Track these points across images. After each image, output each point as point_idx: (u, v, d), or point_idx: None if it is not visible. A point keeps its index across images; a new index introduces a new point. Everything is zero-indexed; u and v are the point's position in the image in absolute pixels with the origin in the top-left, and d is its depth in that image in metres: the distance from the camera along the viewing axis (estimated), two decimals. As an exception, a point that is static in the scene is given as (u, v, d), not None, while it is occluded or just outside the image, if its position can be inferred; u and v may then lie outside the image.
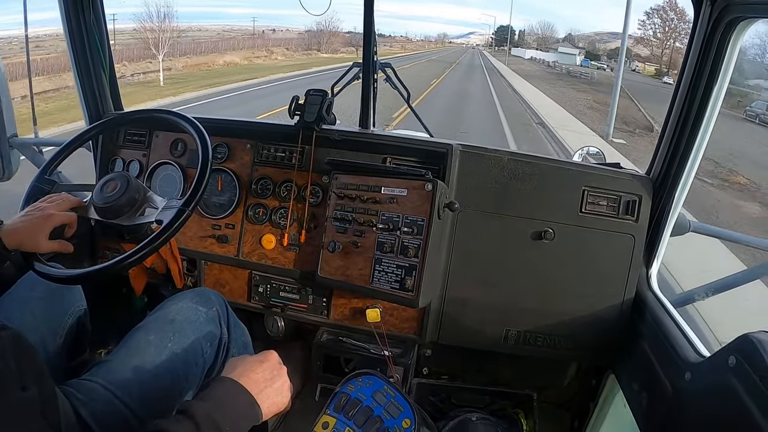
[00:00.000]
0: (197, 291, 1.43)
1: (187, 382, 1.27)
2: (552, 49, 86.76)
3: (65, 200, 1.37)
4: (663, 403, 1.30)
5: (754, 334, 1.00)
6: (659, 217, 1.55)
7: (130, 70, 23.59)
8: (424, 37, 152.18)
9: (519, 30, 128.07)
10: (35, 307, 1.29)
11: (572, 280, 1.59)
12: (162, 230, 1.26)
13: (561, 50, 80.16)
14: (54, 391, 0.97)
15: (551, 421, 1.84)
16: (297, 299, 1.75)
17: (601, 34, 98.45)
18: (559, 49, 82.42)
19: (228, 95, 17.84)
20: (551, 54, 78.24)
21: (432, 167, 1.60)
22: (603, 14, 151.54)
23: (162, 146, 1.86)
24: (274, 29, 65.24)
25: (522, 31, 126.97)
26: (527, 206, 1.59)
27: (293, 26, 67.43)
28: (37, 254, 1.27)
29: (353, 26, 75.44)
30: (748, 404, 0.95)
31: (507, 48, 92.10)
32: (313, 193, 1.70)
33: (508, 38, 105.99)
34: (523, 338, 1.63)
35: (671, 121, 1.48)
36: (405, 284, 1.49)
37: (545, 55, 77.59)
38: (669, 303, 1.50)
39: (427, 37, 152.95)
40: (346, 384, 1.30)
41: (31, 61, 2.37)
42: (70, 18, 1.85)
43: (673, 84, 1.59)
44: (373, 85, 1.86)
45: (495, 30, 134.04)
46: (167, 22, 25.60)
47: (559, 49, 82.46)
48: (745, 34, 1.31)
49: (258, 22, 62.92)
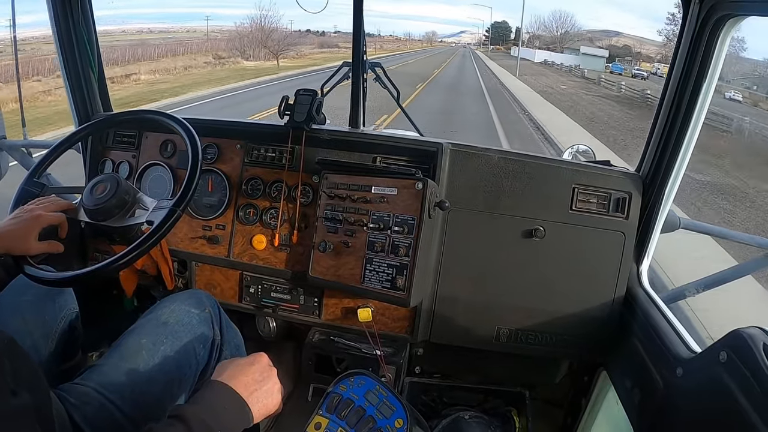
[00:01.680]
0: (189, 293, 1.42)
1: (180, 385, 1.26)
2: (570, 50, 65.91)
3: (54, 202, 1.36)
4: (655, 398, 1.30)
5: (744, 330, 1.01)
6: (649, 214, 1.56)
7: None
8: (405, 35, 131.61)
9: (516, 27, 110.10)
10: (26, 312, 1.28)
11: (563, 278, 1.59)
12: (152, 231, 1.25)
13: (584, 51, 60.43)
14: (49, 396, 0.97)
15: (544, 418, 1.84)
16: (288, 300, 1.75)
17: (593, 32, 79.96)
18: (582, 49, 61.84)
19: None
20: (570, 56, 60.39)
21: (422, 166, 1.60)
22: (594, 12, 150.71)
23: (152, 147, 1.85)
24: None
25: (519, 27, 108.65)
26: (518, 204, 1.60)
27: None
28: (27, 257, 1.26)
29: (334, 25, 67.10)
30: (739, 399, 0.96)
31: (517, 46, 68.03)
32: (303, 193, 1.70)
33: (519, 35, 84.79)
34: (515, 336, 1.63)
35: (660, 119, 1.49)
36: (396, 283, 1.49)
37: (562, 58, 58.78)
38: (660, 299, 1.50)
39: (408, 35, 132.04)
40: (338, 384, 1.30)
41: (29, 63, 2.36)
42: (59, 18, 1.84)
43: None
44: (363, 85, 1.86)
45: (488, 27, 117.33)
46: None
47: (581, 49, 61.91)
48: (733, 31, 1.32)
49: (203, 22, 52.16)
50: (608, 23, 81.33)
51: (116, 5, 33.19)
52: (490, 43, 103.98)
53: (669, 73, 1.46)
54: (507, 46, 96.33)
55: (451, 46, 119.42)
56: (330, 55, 42.43)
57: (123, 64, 25.19)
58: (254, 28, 38.04)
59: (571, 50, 65.70)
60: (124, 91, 19.84)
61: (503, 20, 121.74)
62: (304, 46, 50.17)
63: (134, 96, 17.94)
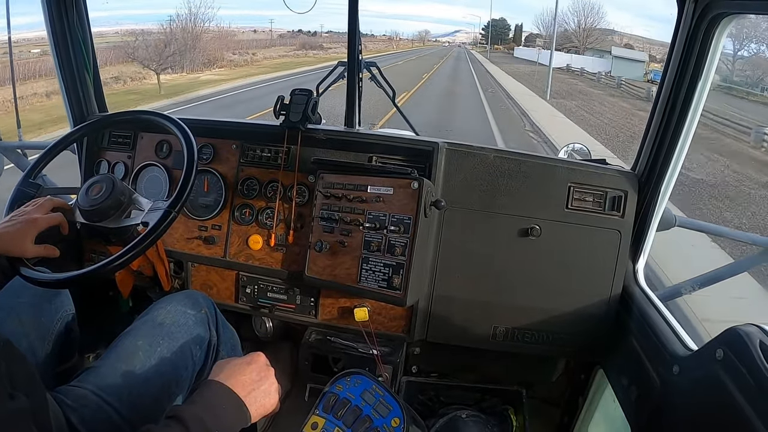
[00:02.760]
0: (186, 293, 1.43)
1: (177, 386, 1.26)
2: (603, 53, 47.60)
3: (50, 203, 1.36)
4: (652, 396, 1.31)
5: (741, 327, 1.01)
6: (645, 212, 1.56)
7: None
8: (392, 34, 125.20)
9: (515, 24, 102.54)
10: (23, 314, 1.28)
11: (559, 277, 1.60)
12: (148, 232, 1.25)
13: (617, 53, 43.87)
14: (45, 398, 0.97)
15: (541, 416, 1.85)
16: (285, 300, 1.75)
17: (588, 30, 65.83)
18: (614, 51, 45.23)
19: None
20: (596, 59, 44.45)
21: (418, 165, 1.60)
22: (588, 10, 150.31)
23: (147, 148, 1.85)
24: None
25: (519, 25, 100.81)
26: (514, 203, 1.60)
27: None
28: (23, 259, 1.26)
29: (320, 25, 63.33)
30: (735, 396, 0.97)
31: (531, 46, 56.29)
32: (299, 192, 1.70)
33: (519, 32, 79.12)
34: (511, 335, 1.64)
35: (656, 117, 1.49)
36: (392, 283, 1.49)
37: (586, 62, 42.96)
38: (656, 297, 1.51)
39: (395, 34, 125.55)
40: (335, 384, 1.30)
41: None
42: (54, 19, 1.83)
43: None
44: (358, 84, 1.86)
45: (485, 25, 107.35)
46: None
47: (613, 51, 45.23)
48: (728, 30, 1.33)
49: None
50: (602, 21, 77.53)
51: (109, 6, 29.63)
52: (488, 43, 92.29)
53: (664, 72, 1.46)
54: (509, 46, 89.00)
55: (444, 45, 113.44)
56: (293, 60, 37.53)
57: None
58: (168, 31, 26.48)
59: (596, 51, 50.30)
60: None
61: (501, 17, 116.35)
62: (261, 49, 42.37)
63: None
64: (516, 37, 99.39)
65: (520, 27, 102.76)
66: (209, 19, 29.45)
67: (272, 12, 46.74)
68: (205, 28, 29.45)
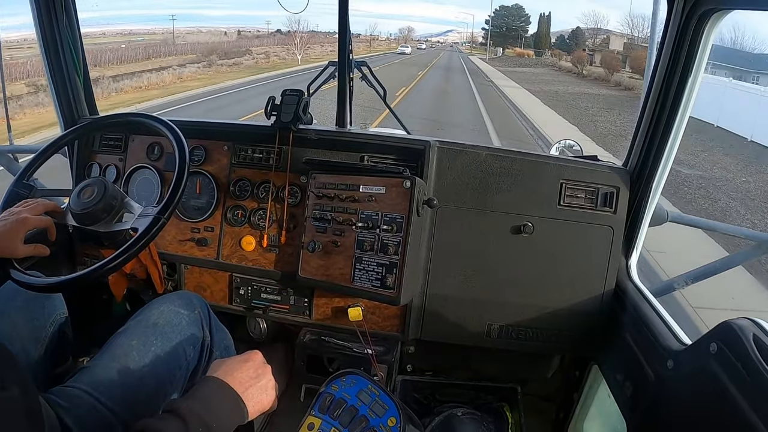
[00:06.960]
0: (179, 294, 1.42)
1: (171, 386, 1.26)
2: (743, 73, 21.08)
3: (40, 204, 1.35)
4: (646, 391, 1.31)
5: (735, 321, 1.02)
6: (637, 208, 1.57)
7: None
8: (370, 33, 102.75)
9: (541, 13, 77.05)
10: (15, 317, 1.27)
11: (552, 273, 1.60)
12: (137, 238, 1.25)
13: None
14: (38, 399, 0.96)
15: (536, 413, 1.85)
16: (278, 300, 1.74)
17: (585, 30, 62.83)
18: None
19: None
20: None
21: (410, 164, 1.60)
22: (578, 9, 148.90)
23: (138, 150, 1.84)
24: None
25: (545, 16, 71.72)
26: (506, 201, 1.60)
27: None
28: (13, 261, 1.26)
29: (316, 24, 57.78)
30: (730, 390, 0.97)
31: (491, 49, 45.20)
32: (291, 193, 1.70)
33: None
34: (506, 332, 1.64)
35: (646, 113, 1.49)
36: (386, 282, 1.49)
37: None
38: (649, 293, 1.51)
39: (374, 34, 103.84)
40: (330, 384, 1.30)
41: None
42: (43, 22, 1.82)
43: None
44: (349, 84, 1.85)
45: (488, 18, 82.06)
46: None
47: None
48: (718, 25, 1.33)
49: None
50: (593, 22, 70.79)
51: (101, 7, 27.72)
52: (492, 44, 67.63)
53: (654, 68, 1.46)
54: (531, 51, 60.15)
55: (432, 48, 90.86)
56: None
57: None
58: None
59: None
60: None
61: (515, 3, 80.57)
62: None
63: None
64: (542, 33, 68.58)
65: (546, 19, 69.41)
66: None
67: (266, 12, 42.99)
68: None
